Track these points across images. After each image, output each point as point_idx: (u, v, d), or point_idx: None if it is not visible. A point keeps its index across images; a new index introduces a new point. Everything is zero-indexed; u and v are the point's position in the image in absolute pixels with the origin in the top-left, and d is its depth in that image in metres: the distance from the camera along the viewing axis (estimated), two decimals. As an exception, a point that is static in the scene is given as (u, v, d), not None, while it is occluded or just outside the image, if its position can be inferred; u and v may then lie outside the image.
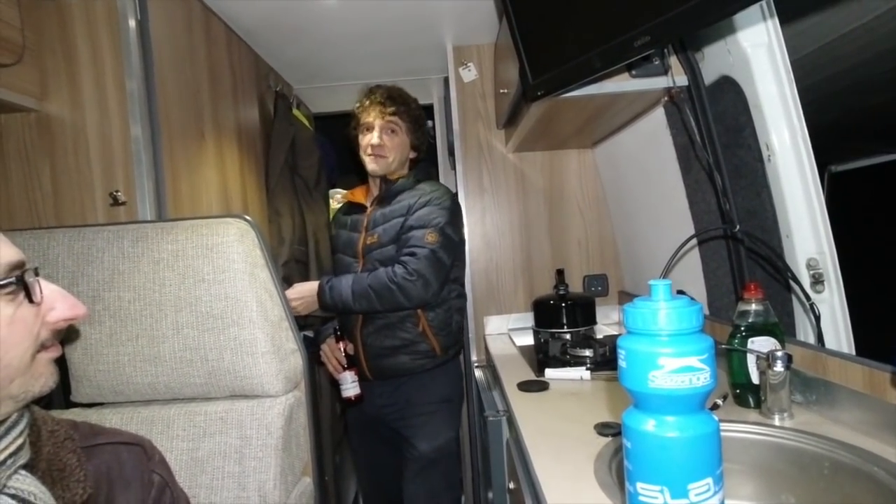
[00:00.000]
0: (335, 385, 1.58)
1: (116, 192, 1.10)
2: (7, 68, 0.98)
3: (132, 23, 1.11)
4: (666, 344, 0.48)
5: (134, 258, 0.98)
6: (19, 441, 0.53)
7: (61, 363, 1.00)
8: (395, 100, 1.56)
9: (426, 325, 1.52)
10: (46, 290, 0.56)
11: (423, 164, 1.71)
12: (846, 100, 1.59)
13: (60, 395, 1.04)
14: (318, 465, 1.16)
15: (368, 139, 1.54)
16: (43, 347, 0.55)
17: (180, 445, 0.96)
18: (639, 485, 0.50)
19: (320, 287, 1.46)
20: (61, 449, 0.58)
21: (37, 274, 0.55)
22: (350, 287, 1.43)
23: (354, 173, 2.04)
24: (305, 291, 1.48)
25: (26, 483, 0.51)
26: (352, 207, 1.66)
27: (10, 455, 0.51)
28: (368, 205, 1.60)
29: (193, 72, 1.37)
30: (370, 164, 1.55)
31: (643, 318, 0.49)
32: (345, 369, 1.51)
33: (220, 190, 1.47)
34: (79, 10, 1.09)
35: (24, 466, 0.54)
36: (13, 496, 0.49)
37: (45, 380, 0.55)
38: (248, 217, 1.03)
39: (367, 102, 1.56)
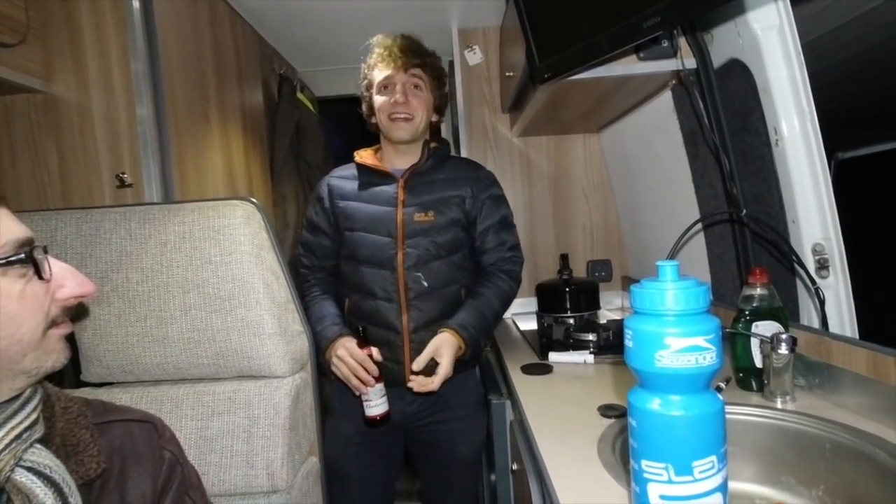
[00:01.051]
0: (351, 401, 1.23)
1: (123, 174, 1.11)
2: (11, 49, 0.98)
3: (136, 3, 1.10)
4: (673, 324, 0.48)
5: (141, 240, 0.99)
6: (34, 416, 0.54)
7: (71, 343, 1.02)
8: (416, 51, 1.30)
9: None
10: (56, 267, 0.57)
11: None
12: (854, 86, 1.58)
13: (71, 375, 1.06)
14: (323, 445, 1.18)
15: (390, 99, 1.27)
16: (54, 324, 0.56)
17: (189, 424, 0.98)
18: (644, 462, 0.51)
19: (462, 338, 1.21)
20: (75, 425, 0.59)
21: (46, 252, 0.56)
22: (483, 318, 1.26)
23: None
24: (449, 346, 1.19)
25: (41, 456, 0.52)
26: (364, 174, 1.35)
27: (26, 429, 0.52)
28: (400, 174, 1.32)
29: (198, 54, 1.36)
30: (395, 131, 1.28)
31: (650, 299, 0.49)
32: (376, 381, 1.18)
33: (226, 173, 1.48)
34: (83, -10, 1.08)
35: (39, 441, 0.55)
36: (29, 468, 0.51)
37: (56, 355, 0.56)
38: (254, 199, 1.03)
39: (385, 53, 1.29)
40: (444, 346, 1.19)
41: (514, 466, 1.19)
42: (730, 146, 1.16)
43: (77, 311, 0.98)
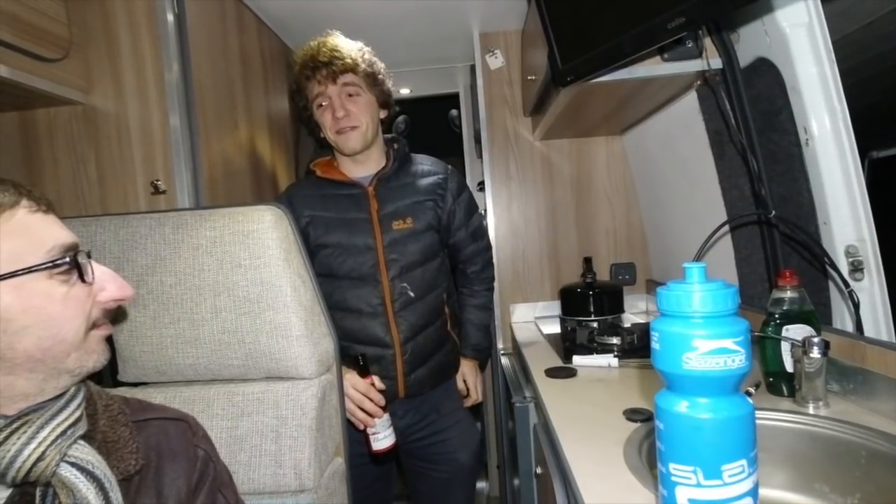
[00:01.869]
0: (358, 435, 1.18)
1: (157, 180, 1.15)
2: (56, 63, 1.03)
3: (170, 17, 1.14)
4: (700, 326, 0.48)
5: (175, 244, 1.02)
6: (77, 413, 0.56)
7: (109, 344, 1.06)
8: (339, 56, 1.22)
9: (449, 319, 1.36)
10: (98, 271, 0.59)
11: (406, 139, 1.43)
12: (889, 82, 1.53)
13: (108, 375, 1.10)
14: (348, 446, 1.19)
15: (331, 115, 1.23)
16: (95, 325, 0.58)
17: (220, 424, 1.01)
18: (671, 465, 0.50)
19: (478, 360, 1.48)
20: (115, 422, 0.61)
21: (89, 256, 0.59)
22: (485, 326, 1.48)
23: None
24: (476, 373, 1.49)
25: (85, 452, 0.55)
26: (326, 187, 1.30)
27: (70, 426, 0.54)
28: (367, 181, 1.29)
29: (227, 63, 1.40)
30: (346, 143, 1.23)
31: (677, 301, 0.49)
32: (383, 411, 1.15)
33: (253, 177, 1.51)
34: (121, 5, 1.13)
35: (83, 437, 0.57)
36: (73, 464, 0.53)
37: (97, 356, 0.59)
38: (281, 205, 1.06)
39: (309, 69, 1.23)
40: (466, 372, 1.45)
41: (539, 470, 1.18)
42: (757, 146, 1.14)
43: (115, 314, 1.02)
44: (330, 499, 1.05)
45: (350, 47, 1.26)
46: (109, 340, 1.04)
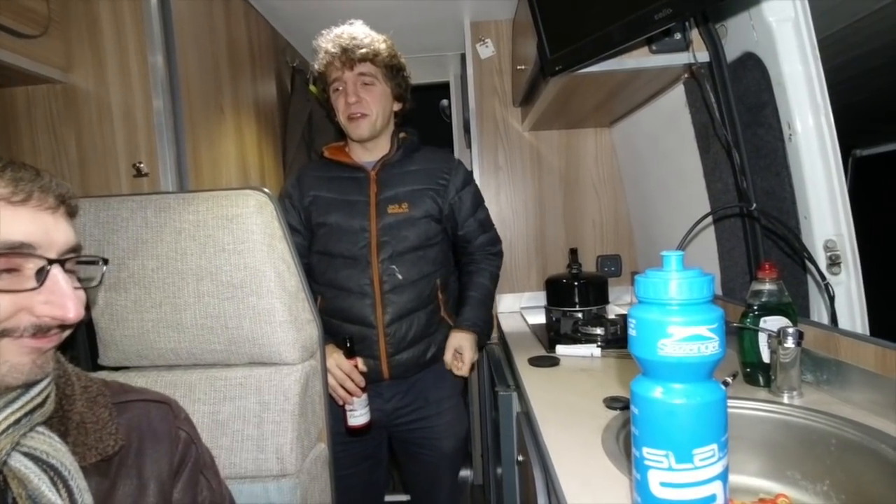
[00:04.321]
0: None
1: (139, 163, 1.13)
2: (33, 40, 1.01)
3: (153, -4, 1.12)
4: (676, 313, 0.49)
5: (157, 228, 1.01)
6: (38, 400, 0.54)
7: (89, 328, 1.05)
8: (360, 45, 1.25)
9: (444, 308, 1.36)
10: (60, 284, 0.53)
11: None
12: (875, 81, 1.55)
13: (88, 359, 1.09)
14: (331, 432, 1.20)
15: (343, 99, 1.27)
16: (10, 334, 0.51)
17: (202, 409, 1.00)
18: (645, 450, 0.51)
19: (476, 332, 1.35)
20: (95, 403, 0.60)
21: (62, 264, 0.54)
22: (486, 308, 1.40)
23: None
24: (470, 345, 1.33)
25: (40, 441, 0.53)
26: (334, 169, 1.35)
27: (26, 414, 0.52)
28: (371, 166, 1.32)
29: (213, 46, 1.38)
30: (355, 129, 1.28)
31: (654, 288, 0.50)
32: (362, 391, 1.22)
33: (239, 164, 1.50)
34: (101, -18, 1.10)
35: (50, 422, 0.56)
36: (26, 454, 0.51)
37: (8, 368, 0.51)
38: (266, 189, 1.05)
39: (330, 54, 1.26)
40: (462, 343, 1.32)
41: (520, 458, 1.20)
42: (742, 140, 1.15)
43: (95, 296, 1.01)
44: (312, 483, 1.05)
45: (373, 37, 1.30)
46: (90, 324, 1.03)
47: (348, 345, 1.22)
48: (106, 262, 0.62)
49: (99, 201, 1.02)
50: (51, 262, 0.52)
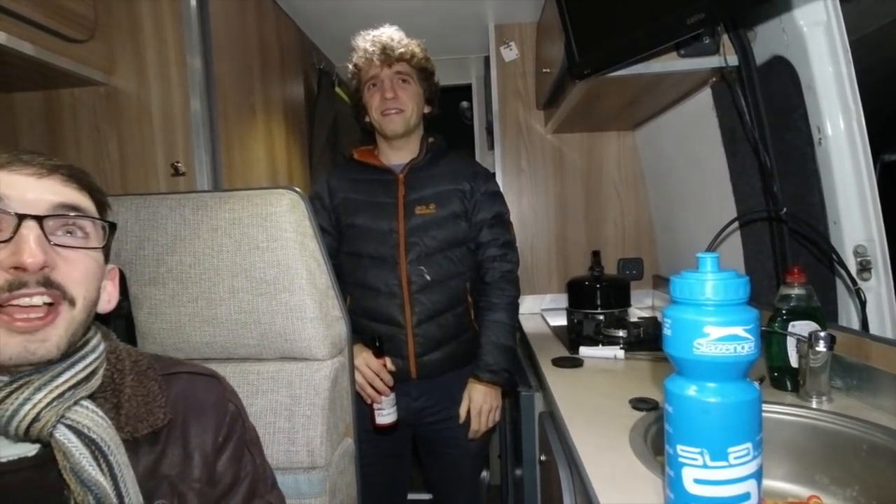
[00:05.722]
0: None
1: (177, 163, 1.17)
2: (81, 44, 1.05)
3: (193, 1, 1.16)
4: (712, 313, 0.50)
5: (194, 225, 1.04)
6: (82, 374, 0.56)
7: (129, 322, 1.09)
8: (397, 46, 1.29)
9: (472, 309, 1.35)
10: (24, 233, 0.53)
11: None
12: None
13: (127, 351, 1.12)
14: (359, 424, 1.22)
15: (380, 95, 1.29)
16: None
17: (235, 401, 1.03)
18: (679, 447, 0.52)
19: (496, 384, 1.30)
20: (145, 377, 0.63)
21: (39, 221, 0.53)
22: (504, 349, 1.31)
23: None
24: (491, 400, 1.30)
25: (83, 415, 0.54)
26: (363, 171, 1.36)
27: (71, 387, 0.54)
28: (399, 169, 1.34)
29: (246, 49, 1.42)
30: (388, 125, 1.29)
31: (690, 288, 0.51)
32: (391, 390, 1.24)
33: (268, 163, 1.53)
34: (145, -11, 1.15)
35: (107, 394, 0.58)
36: (70, 427, 0.53)
37: None
38: (298, 189, 1.08)
39: (368, 52, 1.29)
40: (479, 399, 1.29)
41: (543, 458, 1.21)
42: (770, 144, 1.15)
43: (134, 291, 1.05)
44: (340, 477, 1.07)
45: (409, 40, 1.33)
46: (129, 318, 1.07)
47: (377, 344, 1.24)
48: (113, 226, 0.63)
49: (139, 199, 1.05)
50: (21, 217, 0.53)
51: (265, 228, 1.03)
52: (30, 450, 0.55)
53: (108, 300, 0.67)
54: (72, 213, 0.58)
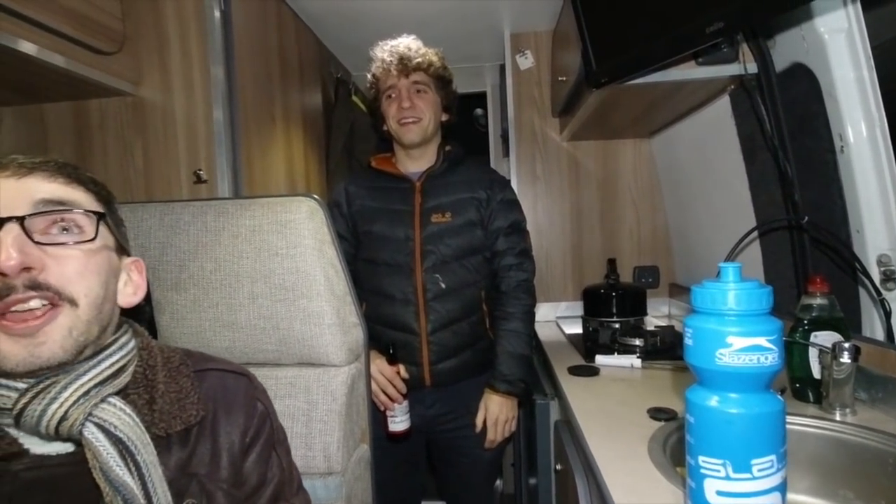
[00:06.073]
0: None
1: (199, 170, 1.19)
2: (110, 56, 1.08)
3: (217, 14, 1.19)
4: (735, 323, 0.50)
5: (216, 232, 1.06)
6: (109, 371, 0.55)
7: (151, 326, 1.11)
8: (415, 55, 1.30)
9: (488, 317, 1.34)
10: (2, 235, 0.51)
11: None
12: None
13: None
14: (373, 434, 1.22)
15: (397, 105, 1.30)
16: None
17: (253, 405, 1.04)
18: (701, 458, 0.52)
19: (512, 395, 1.30)
20: (178, 373, 0.63)
21: (20, 222, 0.51)
22: (519, 359, 1.30)
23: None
24: (507, 411, 1.30)
25: (110, 414, 0.54)
26: (381, 179, 1.37)
27: (97, 385, 0.54)
28: (416, 177, 1.34)
29: (266, 59, 1.45)
30: (406, 134, 1.30)
31: (712, 298, 0.51)
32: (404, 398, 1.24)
33: (287, 171, 1.56)
34: (171, 3, 1.18)
35: (140, 391, 0.58)
36: (98, 425, 0.53)
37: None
38: (316, 196, 1.09)
39: (385, 63, 1.30)
40: (496, 410, 1.28)
41: (558, 467, 1.20)
42: (790, 151, 1.14)
43: (157, 296, 1.07)
44: (356, 483, 1.08)
45: (426, 49, 1.34)
46: (151, 323, 1.09)
47: (391, 351, 1.24)
48: (101, 215, 0.59)
49: (163, 206, 1.08)
50: (0, 220, 0.51)
51: (284, 235, 1.04)
52: (68, 447, 0.56)
53: (134, 292, 0.65)
54: (58, 209, 0.55)
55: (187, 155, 1.21)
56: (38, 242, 0.53)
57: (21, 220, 0.52)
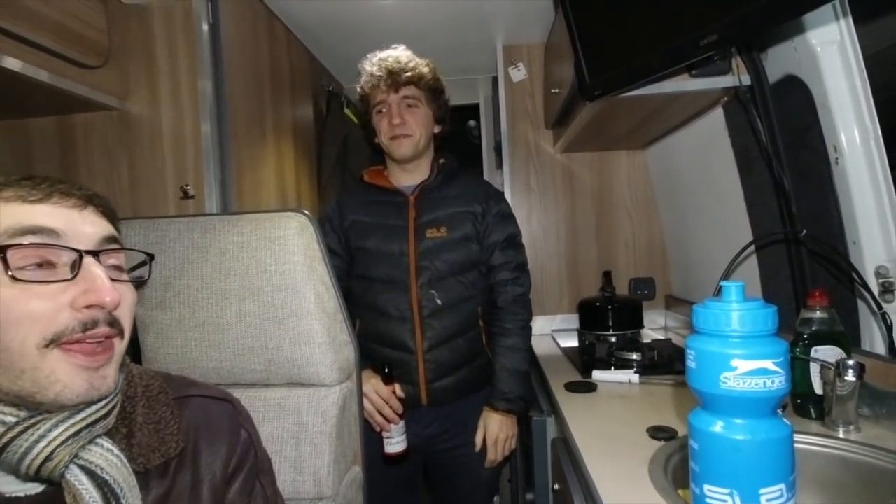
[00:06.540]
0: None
1: (186, 186, 1.17)
2: (95, 70, 1.06)
3: (205, 27, 1.17)
4: (739, 346, 0.48)
5: (203, 248, 1.04)
6: (103, 412, 0.53)
7: (134, 346, 1.08)
8: (405, 69, 1.27)
9: (484, 333, 1.32)
10: (95, 271, 0.51)
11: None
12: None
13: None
14: (366, 455, 1.19)
15: (387, 121, 1.28)
16: (61, 341, 0.49)
17: (241, 428, 1.01)
18: (706, 487, 0.50)
19: (512, 413, 1.27)
20: (157, 402, 0.59)
21: (95, 256, 0.52)
22: (518, 376, 1.28)
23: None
24: (507, 429, 1.27)
25: (96, 454, 0.52)
26: (374, 193, 1.34)
27: (88, 425, 0.51)
28: (410, 191, 1.32)
29: (257, 72, 1.43)
30: (397, 149, 1.28)
31: (715, 319, 0.49)
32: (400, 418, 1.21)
33: (278, 186, 1.53)
34: (159, 15, 1.16)
35: (118, 424, 0.55)
36: (83, 467, 0.51)
37: (62, 387, 0.49)
38: (306, 212, 1.07)
39: (375, 77, 1.27)
40: (496, 428, 1.26)
41: (556, 486, 1.17)
42: (786, 163, 1.13)
43: (141, 316, 1.04)
44: (348, 507, 1.04)
45: (417, 61, 1.31)
46: (134, 343, 1.06)
47: (386, 370, 1.21)
48: (152, 257, 0.62)
49: (148, 222, 1.05)
50: (81, 253, 0.51)
51: (273, 252, 1.02)
52: (37, 486, 0.52)
53: None
54: (115, 246, 0.57)
55: (175, 170, 1.18)
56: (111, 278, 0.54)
57: (97, 254, 0.53)
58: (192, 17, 1.17)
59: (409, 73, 1.27)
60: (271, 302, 1.02)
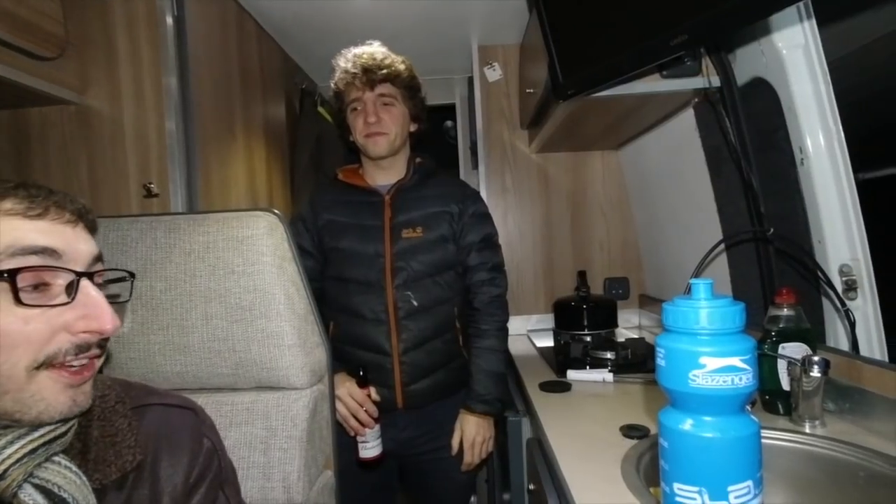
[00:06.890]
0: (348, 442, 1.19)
1: (150, 183, 1.13)
2: (50, 62, 1.01)
3: (170, 20, 1.13)
4: (708, 343, 0.48)
5: (166, 248, 1.00)
6: (59, 430, 0.51)
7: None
8: (380, 66, 1.24)
9: (461, 335, 1.30)
10: (91, 294, 0.51)
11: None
12: (879, 105, 1.56)
13: (92, 382, 1.06)
14: (338, 458, 1.16)
15: (363, 119, 1.25)
16: (51, 364, 0.48)
17: (207, 434, 0.97)
18: (676, 485, 0.49)
19: (489, 414, 1.26)
20: (114, 413, 0.57)
21: (90, 277, 0.51)
22: (495, 377, 1.27)
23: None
24: (484, 431, 1.26)
25: (52, 473, 0.50)
26: (348, 192, 1.31)
27: (45, 443, 0.49)
28: (385, 190, 1.29)
29: (226, 69, 1.39)
30: (372, 147, 1.25)
31: (684, 317, 0.49)
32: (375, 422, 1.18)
33: (248, 185, 1.50)
34: (120, 6, 1.12)
35: (73, 440, 0.53)
36: (37, 486, 0.48)
37: (45, 405, 0.48)
38: (276, 211, 1.04)
39: (350, 74, 1.24)
40: (472, 430, 1.24)
41: (531, 487, 1.16)
42: (754, 164, 1.15)
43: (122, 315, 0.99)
44: (319, 514, 1.02)
45: (393, 58, 1.28)
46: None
47: (361, 373, 1.18)
48: (133, 275, 0.61)
49: (108, 221, 1.01)
50: (79, 274, 0.50)
51: (241, 252, 0.99)
52: None
53: None
54: (101, 266, 0.55)
55: (137, 168, 1.14)
56: None
57: (90, 276, 0.52)
58: (156, 10, 1.13)
59: (384, 71, 1.24)
60: (239, 304, 0.99)
